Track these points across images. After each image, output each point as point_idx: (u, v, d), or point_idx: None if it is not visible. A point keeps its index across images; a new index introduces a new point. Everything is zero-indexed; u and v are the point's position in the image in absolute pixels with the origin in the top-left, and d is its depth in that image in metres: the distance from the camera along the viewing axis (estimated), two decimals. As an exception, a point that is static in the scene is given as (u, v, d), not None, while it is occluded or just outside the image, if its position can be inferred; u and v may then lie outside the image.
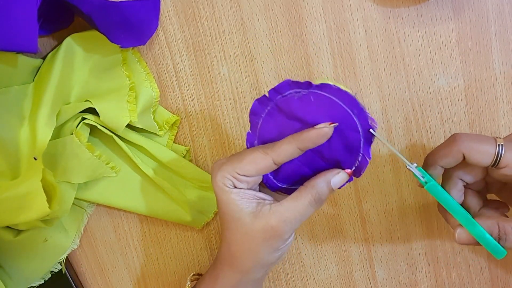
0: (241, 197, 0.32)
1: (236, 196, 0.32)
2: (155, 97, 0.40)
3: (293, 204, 0.32)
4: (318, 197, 0.32)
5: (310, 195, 0.32)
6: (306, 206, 0.31)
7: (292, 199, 0.32)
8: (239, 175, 0.31)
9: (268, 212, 0.31)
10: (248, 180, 0.32)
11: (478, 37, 0.39)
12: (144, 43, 0.39)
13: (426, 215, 0.43)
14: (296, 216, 0.31)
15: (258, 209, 0.32)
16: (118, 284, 0.47)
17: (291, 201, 0.32)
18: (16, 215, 0.36)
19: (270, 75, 0.41)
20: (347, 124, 0.31)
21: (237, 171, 0.31)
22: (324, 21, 0.40)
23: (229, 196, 0.32)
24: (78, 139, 0.38)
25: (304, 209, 0.31)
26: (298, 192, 0.32)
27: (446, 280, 0.45)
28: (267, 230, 0.31)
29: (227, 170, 0.32)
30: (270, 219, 0.31)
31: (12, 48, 0.33)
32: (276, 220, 0.31)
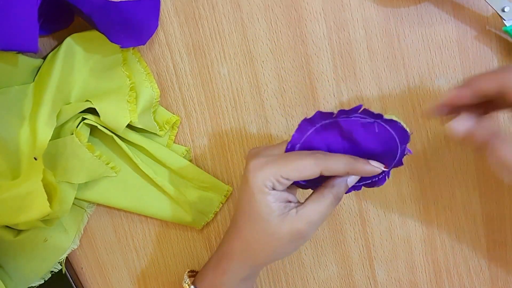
0: (276, 200, 0.32)
1: (272, 199, 0.32)
2: (156, 97, 0.40)
3: (317, 206, 0.32)
4: (337, 196, 0.33)
5: (331, 195, 0.33)
6: (328, 206, 0.33)
7: (315, 200, 0.33)
8: (282, 178, 0.32)
9: (295, 216, 0.32)
10: (288, 184, 0.32)
11: (478, 37, 0.40)
12: (144, 43, 0.39)
13: (426, 215, 0.43)
14: (320, 217, 0.33)
15: (285, 212, 0.32)
16: (118, 284, 0.47)
17: (315, 203, 0.33)
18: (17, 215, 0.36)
19: (270, 75, 0.41)
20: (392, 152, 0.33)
21: (282, 174, 0.31)
22: (324, 21, 0.40)
23: (266, 198, 0.32)
24: (78, 139, 0.38)
25: (326, 209, 0.33)
26: (320, 194, 0.33)
27: (446, 280, 0.45)
28: (294, 233, 0.32)
29: (271, 173, 0.32)
30: (297, 222, 0.32)
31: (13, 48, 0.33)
32: (302, 223, 0.32)
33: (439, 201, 0.43)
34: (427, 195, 0.43)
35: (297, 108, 0.42)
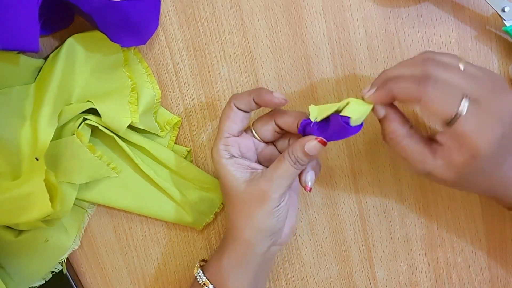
0: (236, 168, 0.36)
1: (231, 167, 0.36)
2: (157, 98, 0.41)
3: (277, 165, 0.35)
4: (295, 160, 0.35)
5: (289, 157, 0.35)
6: (288, 166, 0.35)
7: (276, 161, 0.36)
8: (226, 138, 0.36)
9: (258, 177, 0.36)
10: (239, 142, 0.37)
11: (478, 37, 0.40)
12: (145, 43, 0.39)
13: (426, 215, 0.44)
14: (281, 175, 0.35)
15: (251, 177, 0.36)
16: (118, 284, 0.47)
17: (275, 163, 0.35)
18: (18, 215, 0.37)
19: (270, 75, 0.42)
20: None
21: (223, 135, 0.36)
22: (324, 21, 0.40)
23: (226, 168, 0.36)
24: (79, 140, 0.38)
25: (286, 169, 0.35)
26: (281, 155, 0.35)
27: (446, 280, 0.45)
28: (259, 193, 0.35)
29: (217, 141, 0.37)
30: (260, 182, 0.35)
31: (14, 48, 0.34)
32: (265, 181, 0.35)
33: (439, 201, 0.43)
34: (427, 195, 0.43)
35: (297, 108, 0.42)
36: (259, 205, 0.35)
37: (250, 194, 0.35)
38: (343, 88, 0.42)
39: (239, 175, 0.36)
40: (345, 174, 0.44)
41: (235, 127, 0.37)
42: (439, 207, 0.44)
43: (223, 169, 0.36)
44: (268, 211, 0.35)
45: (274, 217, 0.36)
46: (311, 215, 0.45)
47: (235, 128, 0.37)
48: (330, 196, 0.44)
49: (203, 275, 0.38)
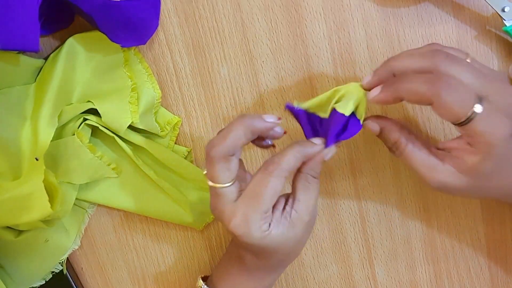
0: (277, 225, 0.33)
1: (276, 231, 0.33)
2: (157, 98, 0.41)
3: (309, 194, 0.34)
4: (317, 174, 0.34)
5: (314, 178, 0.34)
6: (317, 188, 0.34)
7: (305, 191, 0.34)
8: (266, 213, 0.32)
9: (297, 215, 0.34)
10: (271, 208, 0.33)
11: (478, 37, 0.40)
12: (144, 43, 0.39)
13: (426, 215, 0.44)
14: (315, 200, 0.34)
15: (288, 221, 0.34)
16: (118, 284, 0.47)
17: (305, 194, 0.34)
18: (18, 216, 0.37)
19: (270, 75, 0.42)
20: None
21: (264, 209, 0.32)
22: (324, 21, 0.40)
23: (271, 237, 0.33)
24: (79, 140, 0.38)
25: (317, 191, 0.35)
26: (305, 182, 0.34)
27: (446, 280, 0.45)
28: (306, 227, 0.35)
29: (255, 217, 0.32)
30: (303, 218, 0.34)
31: (14, 47, 0.34)
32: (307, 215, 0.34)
33: (439, 201, 0.44)
34: (427, 195, 0.44)
35: (297, 108, 0.42)
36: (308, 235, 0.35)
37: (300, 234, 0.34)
38: (343, 88, 0.42)
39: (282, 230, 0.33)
40: (345, 174, 0.44)
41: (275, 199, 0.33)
42: (439, 207, 0.44)
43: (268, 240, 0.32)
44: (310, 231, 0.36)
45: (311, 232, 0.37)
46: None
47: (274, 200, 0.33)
48: (330, 196, 0.44)
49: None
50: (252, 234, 0.32)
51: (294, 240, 0.34)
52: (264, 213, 0.32)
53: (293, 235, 0.33)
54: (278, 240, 0.33)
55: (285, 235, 0.33)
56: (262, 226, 0.32)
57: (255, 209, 0.32)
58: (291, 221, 0.33)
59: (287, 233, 0.33)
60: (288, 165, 0.32)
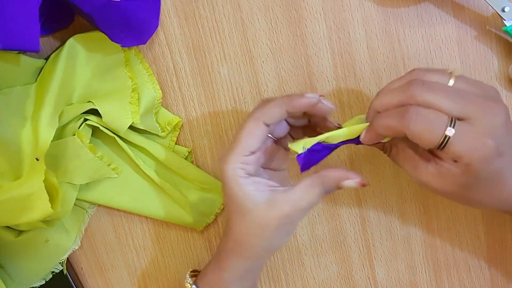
0: (256, 188, 0.33)
1: (251, 187, 0.33)
2: (158, 98, 0.41)
3: (307, 193, 0.33)
4: (328, 190, 0.34)
5: (322, 186, 0.33)
6: (317, 195, 0.33)
7: (306, 187, 0.33)
8: (246, 156, 0.33)
9: (282, 200, 0.33)
10: (256, 159, 0.34)
11: (478, 37, 0.40)
12: (145, 43, 0.39)
13: (426, 215, 0.44)
14: (309, 204, 0.33)
15: (272, 197, 0.33)
16: (118, 284, 0.47)
17: (304, 190, 0.33)
18: (19, 216, 0.37)
19: (270, 75, 0.42)
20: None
21: (243, 153, 0.33)
22: (324, 21, 0.41)
23: (245, 188, 0.33)
24: (80, 140, 0.39)
25: (316, 198, 0.33)
26: (311, 181, 0.33)
27: (446, 281, 0.46)
28: (282, 218, 0.33)
29: (233, 158, 0.33)
30: (284, 207, 0.33)
31: (14, 47, 0.34)
32: (291, 208, 0.33)
33: (439, 201, 0.44)
34: (427, 195, 0.44)
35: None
36: (279, 229, 0.34)
37: (271, 218, 0.33)
38: (343, 88, 0.42)
39: (258, 195, 0.33)
40: (345, 174, 0.44)
41: (256, 144, 0.33)
42: (439, 207, 0.44)
43: (240, 188, 0.33)
44: (287, 233, 0.35)
45: (289, 235, 0.36)
46: (311, 215, 0.45)
47: (256, 145, 0.34)
48: (330, 196, 0.44)
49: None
50: (227, 171, 0.33)
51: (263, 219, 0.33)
52: (243, 155, 0.33)
53: (264, 213, 0.33)
54: (248, 201, 0.33)
55: (257, 205, 0.33)
56: (237, 169, 0.33)
57: (230, 150, 0.33)
58: (273, 199, 0.33)
59: (261, 205, 0.33)
60: (269, 112, 0.33)
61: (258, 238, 0.34)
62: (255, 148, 0.34)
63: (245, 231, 0.34)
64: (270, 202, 0.33)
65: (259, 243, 0.34)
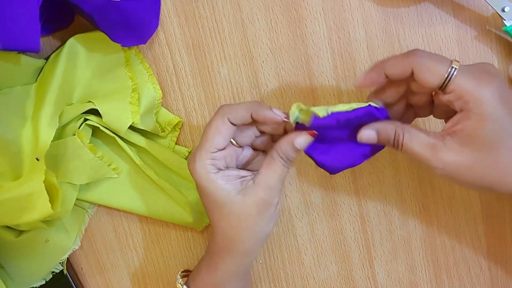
0: (227, 181, 0.34)
1: (221, 181, 0.34)
2: (158, 98, 0.41)
3: (270, 170, 0.35)
4: (286, 158, 0.35)
5: (280, 158, 0.35)
6: (281, 168, 0.35)
7: (267, 165, 0.35)
8: (213, 153, 0.34)
9: (252, 186, 0.34)
10: (224, 155, 0.35)
11: (478, 37, 0.40)
12: (145, 42, 0.40)
13: (426, 215, 0.44)
14: (278, 180, 0.35)
15: (243, 186, 0.35)
16: (118, 284, 0.48)
17: (267, 168, 0.35)
18: (19, 216, 0.37)
19: (270, 75, 0.42)
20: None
21: (210, 150, 0.34)
22: (324, 21, 0.41)
23: (216, 183, 0.34)
24: (80, 140, 0.39)
25: (280, 171, 0.35)
26: (270, 158, 0.35)
27: (446, 281, 0.46)
28: (258, 203, 0.34)
29: (201, 155, 0.34)
30: (257, 191, 0.34)
31: (15, 47, 0.34)
32: (263, 190, 0.34)
33: (439, 201, 0.44)
34: (427, 195, 0.44)
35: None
36: (260, 214, 0.34)
37: (249, 205, 0.34)
38: (343, 88, 0.42)
39: (231, 187, 0.34)
40: (345, 174, 0.44)
41: (223, 142, 0.34)
42: (439, 207, 0.44)
43: (211, 184, 0.34)
44: (269, 217, 0.35)
45: (272, 221, 0.36)
46: (311, 215, 0.45)
47: (223, 143, 0.35)
48: (330, 196, 0.45)
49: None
50: (196, 169, 0.34)
51: (240, 209, 0.34)
52: (211, 152, 0.34)
53: (240, 203, 0.34)
54: (222, 195, 0.34)
55: (232, 197, 0.34)
56: (207, 166, 0.34)
57: (200, 146, 0.34)
58: (246, 188, 0.34)
59: (235, 196, 0.34)
60: (236, 110, 0.34)
61: (242, 229, 0.35)
62: (222, 146, 0.34)
63: (227, 225, 0.35)
64: (243, 191, 0.34)
65: (244, 234, 0.35)
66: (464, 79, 0.30)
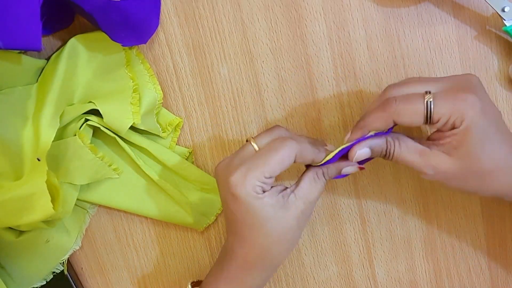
0: (271, 198, 0.34)
1: (268, 200, 0.34)
2: (159, 99, 0.42)
3: (314, 186, 0.36)
4: (330, 177, 0.37)
5: (324, 178, 0.36)
6: (322, 185, 0.36)
7: (312, 182, 0.36)
8: (267, 178, 0.34)
9: (294, 199, 0.35)
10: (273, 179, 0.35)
11: (478, 37, 0.40)
12: (145, 42, 0.40)
13: (426, 215, 0.44)
14: (317, 195, 0.36)
15: (284, 200, 0.35)
16: (118, 284, 0.48)
17: (311, 184, 0.36)
18: (20, 216, 0.37)
19: (270, 75, 0.42)
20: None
21: (266, 174, 0.33)
22: (324, 21, 0.41)
23: (262, 201, 0.34)
24: (81, 141, 0.39)
25: (322, 188, 0.36)
26: (315, 175, 0.36)
27: (446, 280, 0.46)
28: (299, 215, 0.35)
29: (256, 177, 0.33)
30: (299, 204, 0.35)
31: (16, 47, 0.34)
32: (304, 204, 0.35)
33: (439, 201, 0.44)
34: (427, 195, 0.44)
35: (297, 108, 0.43)
36: (300, 228, 0.36)
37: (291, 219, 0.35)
38: (343, 88, 0.42)
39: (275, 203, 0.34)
40: (345, 174, 0.44)
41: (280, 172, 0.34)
42: (439, 207, 0.44)
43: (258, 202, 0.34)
44: (304, 227, 0.37)
45: (303, 229, 0.37)
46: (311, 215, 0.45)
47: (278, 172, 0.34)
48: (330, 196, 0.45)
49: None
50: (246, 188, 0.33)
51: (283, 223, 0.34)
52: (265, 176, 0.33)
53: (283, 217, 0.34)
54: (267, 211, 0.34)
55: (276, 212, 0.34)
56: (256, 187, 0.33)
57: (257, 167, 0.33)
58: (287, 202, 0.35)
59: (278, 211, 0.34)
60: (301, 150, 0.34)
61: (282, 243, 0.35)
62: (276, 172, 0.34)
63: (267, 241, 0.35)
64: (286, 205, 0.35)
65: (283, 247, 0.36)
66: (443, 106, 0.31)
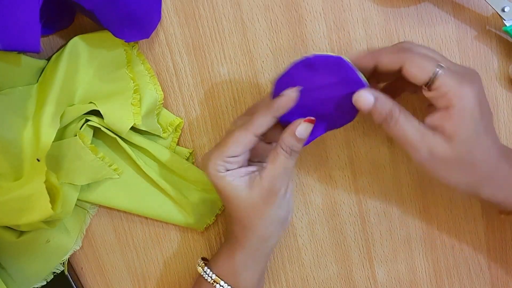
0: (234, 177, 0.37)
1: (230, 177, 0.37)
2: (159, 99, 0.42)
3: (275, 164, 0.37)
4: (290, 150, 0.37)
5: (283, 151, 0.37)
6: (284, 160, 0.37)
7: (272, 160, 0.37)
8: (228, 158, 0.37)
9: (259, 179, 0.37)
10: (238, 160, 0.38)
11: (478, 37, 0.41)
12: (148, 36, 0.40)
13: (426, 215, 0.45)
14: (280, 172, 0.37)
15: (251, 181, 0.38)
16: (118, 284, 0.48)
17: (272, 163, 0.37)
18: (19, 216, 0.38)
19: (270, 75, 0.43)
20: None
21: (225, 155, 0.37)
22: (324, 21, 0.41)
23: (224, 180, 0.37)
24: (81, 141, 0.39)
25: (284, 164, 0.37)
26: (275, 151, 0.37)
27: (446, 280, 0.46)
28: (265, 194, 0.37)
29: (216, 158, 0.37)
30: (263, 183, 0.37)
31: (15, 48, 0.35)
32: (267, 181, 0.37)
33: (439, 201, 0.44)
34: (427, 195, 0.44)
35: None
36: (267, 204, 0.37)
37: (256, 198, 0.37)
38: (343, 88, 0.42)
39: (238, 183, 0.37)
40: (345, 174, 0.44)
41: (241, 151, 0.37)
42: (439, 207, 0.45)
43: (220, 181, 0.37)
44: (277, 205, 0.38)
45: (283, 209, 0.39)
46: (311, 215, 0.46)
47: (241, 152, 0.37)
48: (330, 196, 0.45)
49: (211, 273, 0.40)
50: (210, 167, 0.37)
51: (248, 201, 0.37)
52: (226, 156, 0.37)
53: (247, 196, 0.37)
54: (232, 190, 0.37)
55: (241, 191, 0.37)
56: (218, 166, 0.37)
57: (218, 149, 0.37)
58: (252, 182, 0.37)
59: (243, 190, 0.37)
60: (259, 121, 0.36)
61: (252, 218, 0.38)
62: (237, 154, 0.37)
63: (240, 216, 0.38)
64: (250, 185, 0.37)
65: (255, 222, 0.38)
66: (449, 78, 0.33)
